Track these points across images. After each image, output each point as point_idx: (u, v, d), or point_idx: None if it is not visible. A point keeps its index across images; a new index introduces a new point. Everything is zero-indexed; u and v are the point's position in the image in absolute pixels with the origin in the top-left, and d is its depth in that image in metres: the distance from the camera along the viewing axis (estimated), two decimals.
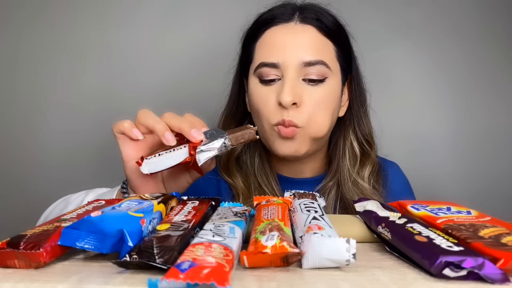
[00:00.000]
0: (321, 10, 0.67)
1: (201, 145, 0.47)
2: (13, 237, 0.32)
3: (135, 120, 0.50)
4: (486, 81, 1.11)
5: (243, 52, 0.71)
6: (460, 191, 1.08)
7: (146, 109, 0.50)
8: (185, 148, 0.48)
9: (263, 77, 0.64)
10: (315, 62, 0.62)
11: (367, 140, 0.72)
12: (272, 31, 0.65)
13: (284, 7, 0.68)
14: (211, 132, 0.49)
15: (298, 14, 0.66)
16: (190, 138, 0.47)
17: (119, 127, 0.50)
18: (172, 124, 0.48)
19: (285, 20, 0.65)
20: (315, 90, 0.63)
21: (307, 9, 0.67)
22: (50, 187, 1.07)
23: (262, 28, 0.67)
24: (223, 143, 0.48)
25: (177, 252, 0.29)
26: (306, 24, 0.65)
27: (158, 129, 0.48)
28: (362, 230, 0.42)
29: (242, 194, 0.70)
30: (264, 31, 0.66)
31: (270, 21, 0.66)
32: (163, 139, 0.48)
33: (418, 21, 1.11)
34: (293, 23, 0.65)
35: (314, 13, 0.66)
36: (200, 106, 0.76)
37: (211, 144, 0.47)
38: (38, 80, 1.14)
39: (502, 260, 0.28)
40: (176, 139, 0.48)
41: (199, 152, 0.47)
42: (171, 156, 0.47)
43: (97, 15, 1.13)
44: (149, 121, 0.49)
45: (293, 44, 0.63)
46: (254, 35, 0.68)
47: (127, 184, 0.54)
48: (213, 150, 0.47)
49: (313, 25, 0.65)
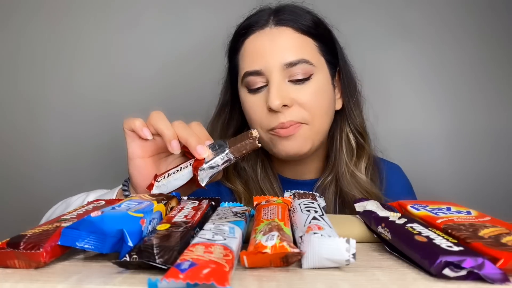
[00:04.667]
0: (295, 9, 0.67)
1: (204, 163, 0.48)
2: (13, 237, 0.32)
3: (146, 120, 0.51)
4: (483, 80, 1.11)
5: (229, 64, 0.72)
6: (458, 191, 1.09)
7: (159, 111, 0.51)
8: (190, 166, 0.49)
9: (250, 87, 0.65)
10: (297, 61, 0.62)
11: (359, 131, 0.72)
12: (251, 39, 0.66)
13: (258, 14, 0.68)
14: (214, 145, 0.49)
15: (272, 18, 0.66)
16: (194, 154, 0.48)
17: (130, 124, 0.51)
18: (180, 135, 0.49)
19: (261, 27, 0.65)
20: (303, 89, 0.63)
21: (281, 11, 0.67)
22: (50, 187, 1.08)
23: (241, 38, 0.67)
24: (225, 159, 0.48)
25: (177, 252, 0.29)
26: (281, 26, 0.65)
27: (166, 134, 0.49)
28: (362, 230, 0.42)
29: (244, 199, 0.70)
30: (243, 41, 0.67)
31: (248, 30, 0.67)
32: (168, 146, 0.49)
33: (416, 21, 1.11)
34: (269, 28, 0.65)
35: (288, 13, 0.66)
36: (199, 105, 0.76)
37: (213, 161, 0.48)
38: (38, 82, 1.14)
39: (502, 260, 0.28)
40: (180, 148, 0.49)
41: (201, 171, 0.47)
42: (178, 177, 0.49)
43: (97, 17, 1.14)
44: (160, 124, 0.49)
45: (272, 48, 0.63)
46: (235, 46, 0.69)
47: (129, 182, 0.54)
48: (216, 167, 0.48)
49: (288, 26, 0.65)
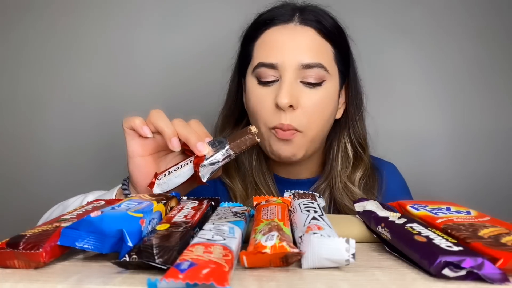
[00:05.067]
0: (321, 12, 0.67)
1: (205, 159, 0.48)
2: (13, 237, 0.32)
3: (145, 118, 0.51)
4: (484, 81, 1.11)
5: (241, 51, 0.71)
6: (458, 191, 1.08)
7: (159, 110, 0.51)
8: (191, 163, 0.49)
9: (261, 78, 0.64)
10: (314, 65, 0.62)
11: (361, 143, 0.72)
12: (272, 31, 0.65)
13: (283, 7, 0.67)
14: (214, 142, 0.50)
15: (298, 15, 0.65)
16: (195, 151, 0.48)
17: (130, 122, 0.51)
18: (180, 132, 0.49)
19: (285, 21, 0.65)
20: (313, 93, 0.63)
21: (307, 11, 0.66)
22: (50, 187, 1.08)
23: (262, 28, 0.66)
24: (226, 154, 0.49)
25: (176, 252, 0.29)
26: (305, 26, 0.64)
27: (166, 132, 0.49)
28: (362, 230, 0.42)
29: (239, 196, 0.70)
30: (263, 31, 0.66)
31: (270, 22, 0.65)
32: (169, 144, 0.49)
33: (417, 22, 1.11)
34: (293, 24, 0.64)
35: (314, 14, 0.65)
36: (199, 104, 0.76)
37: (213, 157, 0.48)
38: (39, 81, 1.14)
39: (501, 260, 0.28)
40: (181, 145, 0.49)
41: (202, 167, 0.48)
42: (179, 174, 0.49)
43: (98, 16, 1.14)
44: (160, 122, 0.49)
45: (292, 45, 0.63)
46: (253, 35, 0.67)
47: (129, 181, 0.54)
48: (217, 163, 0.49)
49: (312, 27, 0.64)
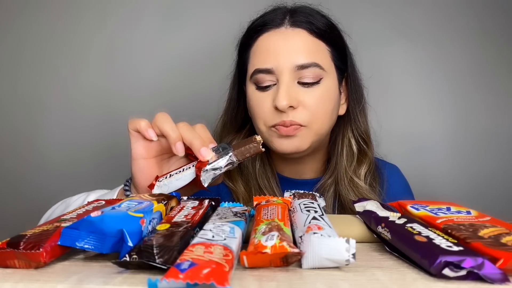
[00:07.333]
0: (311, 11, 0.67)
1: (208, 164, 0.48)
2: (13, 237, 0.32)
3: (150, 120, 0.51)
4: (484, 80, 1.11)
5: (238, 59, 0.72)
6: (458, 190, 1.09)
7: (165, 113, 0.51)
8: (193, 167, 0.49)
9: (259, 84, 0.65)
10: (309, 64, 0.63)
11: (363, 138, 0.73)
12: (265, 37, 0.66)
13: (274, 12, 0.68)
14: (218, 148, 0.50)
15: (288, 18, 0.66)
16: (198, 156, 0.48)
17: (135, 124, 0.51)
18: (185, 137, 0.49)
19: (276, 26, 0.65)
20: (311, 92, 0.63)
21: (297, 12, 0.67)
22: (51, 187, 1.08)
23: (255, 35, 0.67)
24: (229, 161, 0.49)
25: (176, 252, 0.29)
26: (297, 28, 0.65)
27: (172, 136, 0.49)
28: (362, 230, 0.42)
29: (242, 199, 0.70)
30: (256, 38, 0.67)
31: (262, 28, 0.66)
32: (173, 148, 0.49)
33: (417, 20, 1.11)
34: (284, 28, 0.65)
35: (304, 15, 0.66)
36: (199, 107, 0.76)
37: (216, 162, 0.48)
38: (38, 83, 1.14)
39: (501, 260, 0.28)
40: (184, 150, 0.49)
41: (204, 172, 0.48)
42: (180, 177, 0.49)
43: (98, 16, 1.14)
44: (166, 126, 0.50)
45: (285, 48, 0.63)
46: (247, 42, 0.69)
47: (131, 182, 0.54)
48: (219, 169, 0.48)
49: (304, 28, 0.65)
